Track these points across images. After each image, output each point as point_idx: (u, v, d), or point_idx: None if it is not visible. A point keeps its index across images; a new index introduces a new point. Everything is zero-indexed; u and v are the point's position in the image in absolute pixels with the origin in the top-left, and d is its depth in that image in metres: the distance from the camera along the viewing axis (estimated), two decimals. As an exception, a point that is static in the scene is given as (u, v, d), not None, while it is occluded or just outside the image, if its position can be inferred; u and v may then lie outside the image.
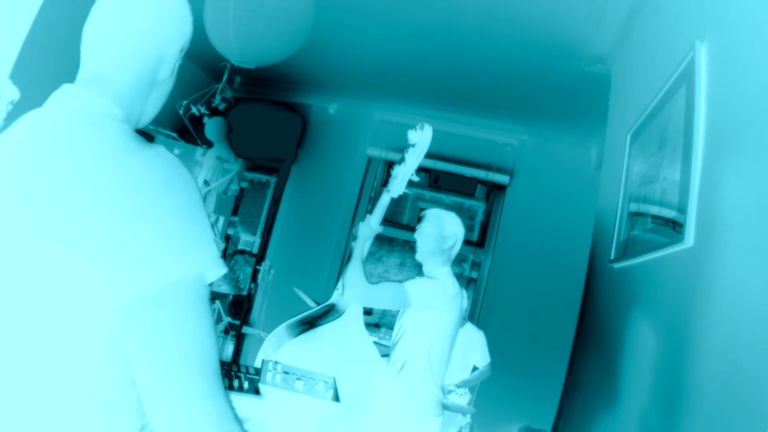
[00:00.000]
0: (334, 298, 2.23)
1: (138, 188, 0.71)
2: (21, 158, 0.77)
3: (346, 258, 2.12)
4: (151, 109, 0.93)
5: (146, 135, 0.87)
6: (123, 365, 0.73)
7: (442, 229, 2.21)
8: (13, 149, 0.79)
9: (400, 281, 2.10)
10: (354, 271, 1.99)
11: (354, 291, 1.98)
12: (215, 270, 0.74)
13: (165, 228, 0.71)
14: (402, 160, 2.07)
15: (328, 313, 2.16)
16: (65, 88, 0.86)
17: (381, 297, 2.06)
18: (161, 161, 0.76)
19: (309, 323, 2.10)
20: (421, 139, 2.03)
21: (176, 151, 3.80)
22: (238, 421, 0.75)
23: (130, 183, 0.72)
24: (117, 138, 0.78)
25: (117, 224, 0.69)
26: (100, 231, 0.69)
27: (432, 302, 2.07)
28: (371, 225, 2.09)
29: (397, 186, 2.08)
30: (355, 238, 2.10)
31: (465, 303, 3.44)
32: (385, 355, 2.35)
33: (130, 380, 0.74)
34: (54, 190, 0.72)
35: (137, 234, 0.69)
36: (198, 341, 0.72)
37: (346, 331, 2.15)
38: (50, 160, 0.75)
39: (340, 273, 2.30)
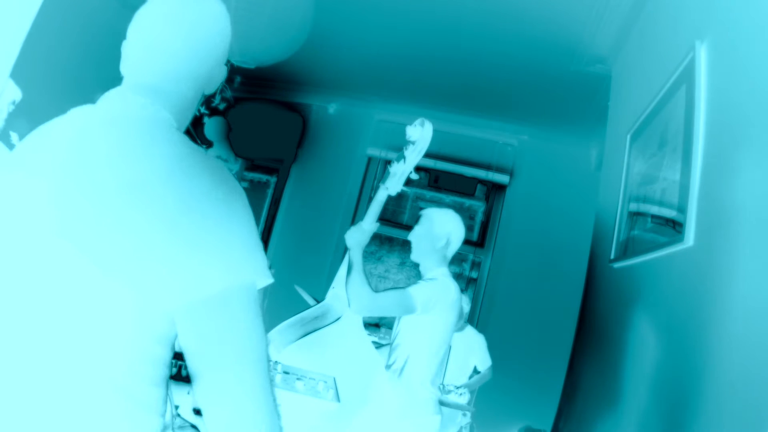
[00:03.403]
0: (329, 299, 2.22)
1: (201, 199, 0.75)
2: (79, 159, 0.77)
3: (346, 264, 2.05)
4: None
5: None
6: (152, 361, 0.75)
7: (431, 229, 2.19)
8: (71, 148, 0.79)
9: (402, 287, 2.07)
10: (357, 282, 1.95)
11: (361, 303, 1.96)
12: (265, 280, 0.80)
13: (228, 237, 0.76)
14: (401, 157, 2.01)
15: (325, 315, 2.15)
16: (122, 93, 0.86)
17: (387, 305, 2.05)
18: (222, 174, 0.80)
19: (309, 328, 2.09)
20: (421, 136, 1.96)
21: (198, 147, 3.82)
22: (280, 417, 0.80)
23: (199, 195, 0.76)
24: (184, 149, 0.80)
25: (178, 231, 0.73)
26: (169, 236, 0.72)
27: (435, 306, 2.07)
28: (363, 228, 2.02)
29: (396, 183, 2.03)
30: (349, 248, 2.03)
31: (466, 307, 3.45)
32: (381, 345, 2.34)
33: (158, 377, 0.77)
34: (113, 195, 0.73)
35: (200, 240, 0.73)
36: (255, 339, 0.77)
37: (345, 331, 2.15)
38: (112, 164, 0.76)
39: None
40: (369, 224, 2.03)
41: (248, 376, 0.75)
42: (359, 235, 2.02)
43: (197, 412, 1.32)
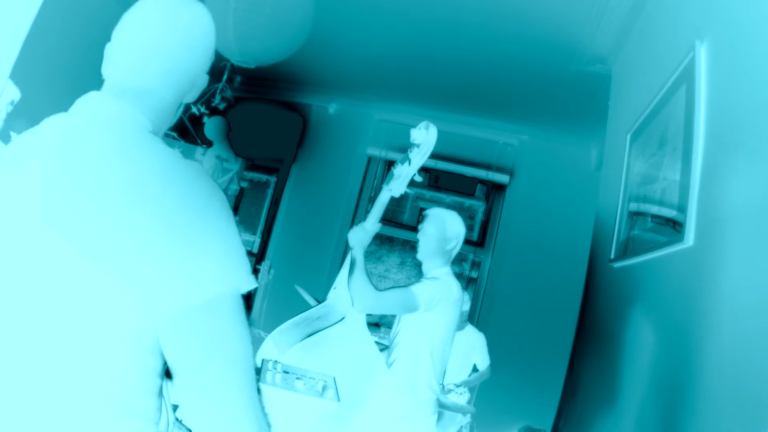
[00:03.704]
0: (331, 299, 2.22)
1: (183, 206, 0.74)
2: (55, 168, 0.76)
3: (349, 264, 2.06)
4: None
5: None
6: (146, 372, 0.75)
7: (444, 231, 2.20)
8: (44, 158, 0.78)
9: (405, 285, 2.08)
10: (360, 281, 1.96)
11: (365, 301, 1.96)
12: (248, 285, 0.78)
13: (209, 244, 0.74)
14: (406, 159, 2.02)
15: (327, 315, 2.16)
16: (97, 97, 0.85)
17: (390, 304, 2.05)
18: (201, 178, 0.79)
19: (311, 329, 2.09)
20: (425, 139, 1.98)
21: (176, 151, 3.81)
22: (269, 426, 0.78)
23: (176, 200, 0.74)
24: (163, 153, 0.79)
25: (162, 240, 0.71)
26: (146, 246, 0.71)
27: (437, 305, 2.07)
28: (366, 227, 2.05)
29: (399, 185, 2.04)
30: (352, 248, 2.05)
31: (466, 305, 3.45)
32: (384, 348, 2.34)
33: (151, 388, 0.76)
34: (96, 203, 0.72)
35: (183, 249, 0.72)
36: (240, 349, 0.75)
37: (347, 331, 2.15)
38: (90, 171, 0.75)
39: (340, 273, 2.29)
40: (371, 224, 2.05)
41: (237, 385, 0.73)
42: (362, 234, 2.04)
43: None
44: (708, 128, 1.39)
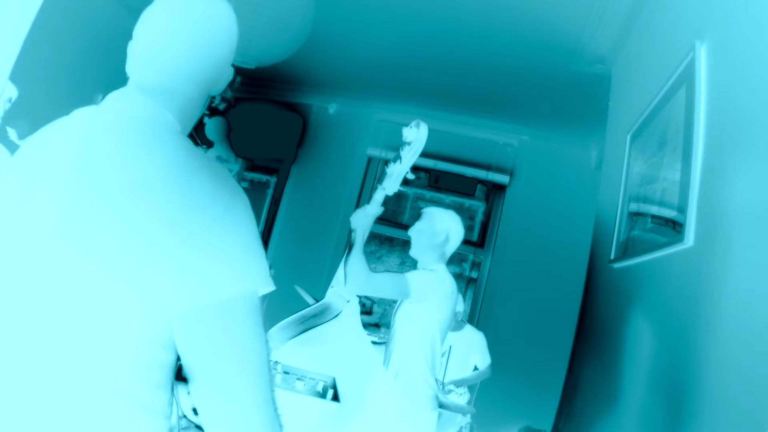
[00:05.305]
0: (329, 298, 2.23)
1: (203, 206, 0.74)
2: (81, 162, 0.76)
3: (345, 249, 2.10)
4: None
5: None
6: (158, 367, 0.75)
7: (432, 225, 2.23)
8: (73, 150, 0.78)
9: (401, 272, 2.12)
10: (356, 261, 2.00)
11: (357, 280, 1.99)
12: (266, 287, 0.78)
13: (227, 245, 0.74)
14: (398, 158, 2.06)
15: (324, 313, 2.16)
16: (127, 95, 0.85)
17: (382, 286, 2.08)
18: (225, 178, 0.79)
19: (307, 325, 2.10)
20: (417, 137, 2.02)
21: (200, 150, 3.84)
22: (281, 428, 0.78)
23: (201, 200, 0.74)
24: (185, 152, 0.79)
25: (179, 240, 0.71)
26: (162, 246, 0.71)
27: (429, 294, 2.09)
28: (368, 211, 2.08)
29: (393, 184, 2.08)
30: (353, 230, 2.09)
31: (461, 306, 3.46)
32: (381, 344, 2.36)
33: (164, 381, 0.76)
34: (119, 199, 0.72)
35: (200, 249, 0.72)
36: (255, 350, 0.75)
37: (344, 330, 2.16)
38: (106, 175, 0.75)
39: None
40: (373, 208, 2.08)
41: (251, 386, 0.74)
42: (363, 217, 2.08)
43: (196, 411, 1.32)
44: (708, 128, 1.39)
